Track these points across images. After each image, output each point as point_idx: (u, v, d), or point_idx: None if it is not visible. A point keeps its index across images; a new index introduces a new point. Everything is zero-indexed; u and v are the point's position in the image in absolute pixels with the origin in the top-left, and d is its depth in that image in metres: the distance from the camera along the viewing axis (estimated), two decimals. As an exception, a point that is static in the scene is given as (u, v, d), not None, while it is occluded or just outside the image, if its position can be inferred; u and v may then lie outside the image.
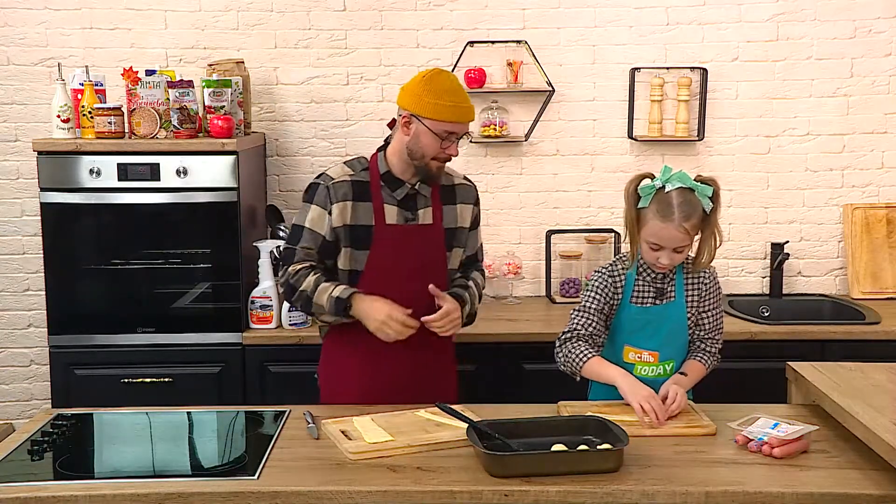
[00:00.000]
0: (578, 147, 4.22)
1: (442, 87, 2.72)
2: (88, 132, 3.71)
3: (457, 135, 2.76)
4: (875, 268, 4.19)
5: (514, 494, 2.19)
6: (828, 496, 2.17)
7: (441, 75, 2.76)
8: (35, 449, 2.48)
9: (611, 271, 2.79)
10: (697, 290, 2.80)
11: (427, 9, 4.13)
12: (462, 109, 2.74)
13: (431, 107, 2.70)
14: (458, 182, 2.95)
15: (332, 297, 2.72)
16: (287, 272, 2.81)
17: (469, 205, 2.94)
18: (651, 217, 2.64)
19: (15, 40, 4.09)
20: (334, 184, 2.79)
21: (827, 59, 4.15)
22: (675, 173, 2.67)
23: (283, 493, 2.21)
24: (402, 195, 2.82)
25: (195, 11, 4.10)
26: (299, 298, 2.78)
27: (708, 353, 2.82)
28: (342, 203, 2.77)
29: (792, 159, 4.22)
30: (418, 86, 2.73)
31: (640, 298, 2.77)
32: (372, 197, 2.80)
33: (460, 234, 2.91)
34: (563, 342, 2.79)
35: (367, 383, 2.84)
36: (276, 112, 4.18)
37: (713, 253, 2.73)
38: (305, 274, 2.77)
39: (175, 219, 3.69)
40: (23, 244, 4.20)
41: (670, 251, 2.66)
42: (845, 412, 2.44)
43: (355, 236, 2.79)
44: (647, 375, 2.75)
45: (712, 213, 2.68)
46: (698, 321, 2.82)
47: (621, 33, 4.15)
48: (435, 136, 2.72)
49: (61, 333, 3.71)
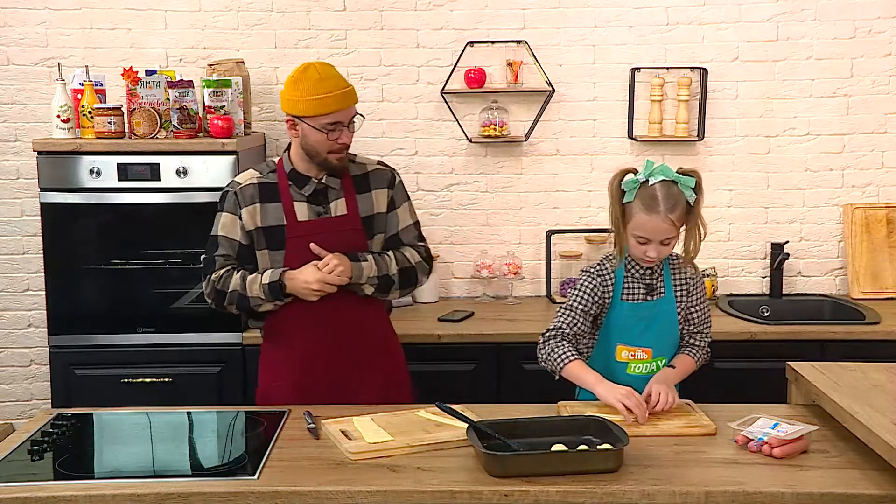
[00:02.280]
0: (578, 147, 4.22)
1: (310, 83, 2.74)
2: (88, 132, 3.72)
3: (342, 123, 2.77)
4: (875, 268, 4.19)
5: (514, 494, 2.19)
6: (828, 496, 2.17)
7: (308, 70, 2.77)
8: (35, 449, 2.48)
9: (599, 270, 2.79)
10: (685, 284, 2.81)
11: (427, 9, 4.13)
12: (335, 97, 2.75)
13: (305, 104, 2.74)
14: (372, 168, 2.96)
15: (264, 285, 2.77)
16: (210, 280, 2.84)
17: (382, 189, 2.94)
18: (637, 211, 2.65)
19: (15, 40, 4.09)
20: (241, 188, 2.83)
21: (827, 59, 4.15)
22: (658, 167, 2.68)
23: (283, 493, 2.21)
24: (311, 191, 2.84)
25: (195, 11, 4.10)
26: (231, 299, 2.81)
27: (697, 347, 2.84)
28: (251, 206, 2.81)
29: (792, 159, 4.21)
30: (290, 87, 2.77)
31: (631, 295, 2.78)
32: (280, 197, 2.83)
33: (379, 219, 2.92)
34: (546, 339, 2.78)
35: (302, 379, 2.87)
36: (276, 112, 4.18)
37: (699, 245, 2.74)
38: (229, 275, 2.81)
39: (175, 219, 3.69)
40: (23, 244, 4.20)
41: (657, 244, 2.66)
42: (845, 412, 2.44)
43: (269, 237, 2.82)
44: (641, 373, 2.76)
45: (695, 204, 2.69)
46: (687, 316, 2.83)
47: (621, 33, 4.15)
48: (319, 131, 2.75)
49: (61, 333, 3.71)
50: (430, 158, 4.22)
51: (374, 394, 2.87)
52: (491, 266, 4.14)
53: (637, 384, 2.66)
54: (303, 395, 2.83)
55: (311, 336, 2.85)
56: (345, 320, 2.86)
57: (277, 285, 2.76)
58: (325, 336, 2.86)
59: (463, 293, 4.29)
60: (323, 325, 2.85)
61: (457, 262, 4.28)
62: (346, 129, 2.79)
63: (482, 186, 4.25)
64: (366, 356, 2.90)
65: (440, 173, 4.23)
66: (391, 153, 4.15)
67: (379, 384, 2.91)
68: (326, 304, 2.79)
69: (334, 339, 2.86)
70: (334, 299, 2.79)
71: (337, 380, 2.87)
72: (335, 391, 2.86)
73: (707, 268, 4.08)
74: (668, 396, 2.60)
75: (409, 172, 4.14)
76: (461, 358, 3.66)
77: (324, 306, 2.80)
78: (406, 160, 4.18)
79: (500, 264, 4.16)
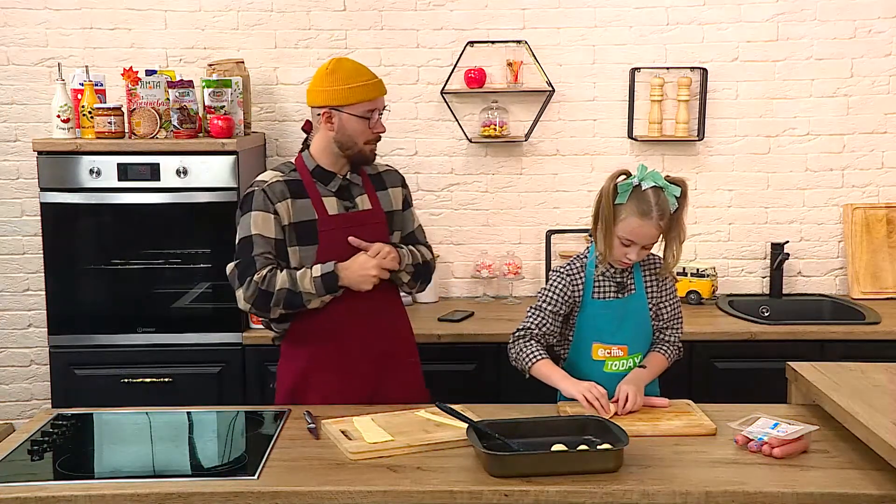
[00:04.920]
0: (578, 147, 4.22)
1: (347, 73, 2.77)
2: (88, 132, 3.72)
3: (378, 110, 2.81)
4: (875, 268, 4.19)
5: (514, 494, 2.19)
6: (828, 496, 2.17)
7: (341, 62, 2.81)
8: (35, 449, 2.48)
9: (568, 270, 2.82)
10: (655, 280, 2.84)
11: (427, 9, 4.13)
12: (373, 85, 2.79)
13: (346, 93, 2.75)
14: (383, 169, 3.01)
15: (315, 278, 2.72)
16: (252, 282, 2.71)
17: (398, 187, 2.98)
18: (629, 214, 2.67)
19: (15, 40, 4.09)
20: (269, 185, 2.80)
21: (827, 59, 4.15)
22: (650, 172, 2.71)
23: (283, 493, 2.21)
24: (337, 186, 2.85)
25: (195, 11, 4.10)
26: (278, 299, 2.71)
27: (668, 343, 2.86)
28: (283, 202, 2.78)
29: (792, 159, 4.22)
30: (325, 80, 2.78)
31: (602, 293, 2.80)
32: (308, 193, 2.82)
33: (397, 216, 2.96)
34: (515, 339, 2.82)
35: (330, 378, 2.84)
36: (276, 112, 4.18)
37: (679, 252, 2.77)
38: (273, 275, 2.72)
39: (175, 219, 3.70)
40: (23, 244, 4.20)
41: (640, 248, 2.70)
42: (845, 412, 2.44)
43: (300, 233, 2.79)
44: (619, 370, 2.78)
45: (678, 212, 2.72)
46: (658, 312, 2.85)
47: (621, 33, 4.15)
48: (360, 118, 2.77)
49: (61, 333, 3.71)
50: (430, 158, 4.23)
51: (401, 393, 2.86)
52: (491, 266, 4.14)
53: (615, 381, 2.70)
54: (341, 392, 2.82)
55: (349, 332, 2.83)
56: (379, 313, 2.86)
57: (332, 276, 2.72)
58: (363, 331, 2.84)
59: (463, 293, 4.29)
60: (359, 320, 2.82)
61: (457, 262, 4.28)
62: (380, 117, 2.83)
63: (482, 186, 4.25)
64: (394, 354, 2.91)
65: (440, 173, 4.23)
66: (391, 153, 4.14)
67: (404, 383, 2.91)
68: (361, 300, 2.78)
69: (371, 333, 2.85)
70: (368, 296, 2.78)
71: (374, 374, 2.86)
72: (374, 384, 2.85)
73: (707, 268, 4.08)
74: (635, 397, 2.63)
75: (409, 172, 4.14)
76: (461, 358, 3.66)
77: (358, 303, 2.79)
78: (406, 160, 4.18)
79: (500, 264, 4.16)
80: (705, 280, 4.06)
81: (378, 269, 2.74)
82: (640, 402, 2.64)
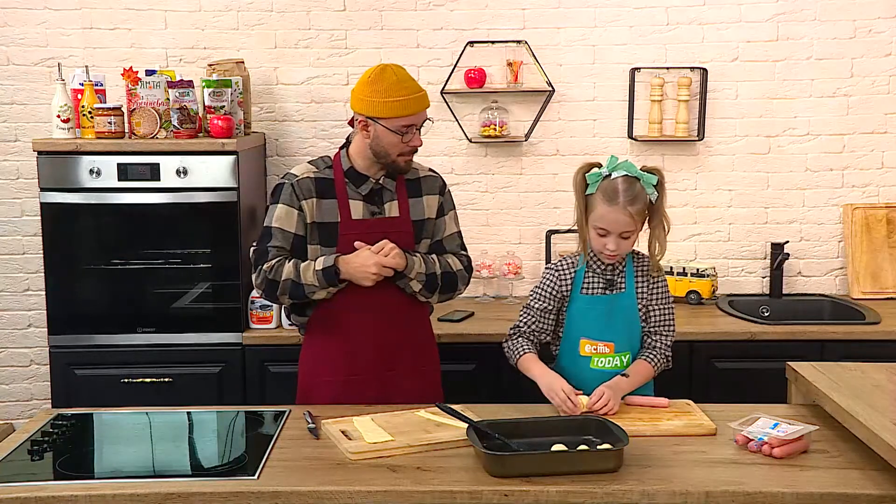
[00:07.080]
0: (578, 147, 4.22)
1: (388, 85, 2.73)
2: (88, 132, 3.72)
3: (416, 125, 2.78)
4: (875, 268, 4.19)
5: (514, 494, 2.19)
6: (828, 496, 2.17)
7: (385, 72, 2.76)
8: (35, 449, 2.48)
9: (557, 267, 2.85)
10: (646, 281, 2.84)
11: (427, 9, 4.13)
12: (413, 101, 2.75)
13: (383, 106, 2.72)
14: (424, 174, 2.98)
15: (317, 271, 2.74)
16: (261, 271, 2.79)
17: (434, 195, 2.96)
18: (598, 202, 2.70)
19: (15, 40, 4.09)
20: (298, 181, 2.81)
21: (827, 59, 4.15)
22: (622, 162, 2.74)
23: (283, 493, 2.21)
24: (367, 190, 2.84)
25: (195, 11, 4.10)
26: (284, 289, 2.77)
27: (657, 350, 2.83)
28: (309, 199, 2.80)
29: (792, 159, 4.22)
30: (365, 88, 2.75)
31: (590, 289, 2.82)
32: (336, 193, 2.82)
33: (428, 224, 2.94)
34: (507, 337, 2.90)
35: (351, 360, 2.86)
36: (276, 112, 4.18)
37: (664, 244, 2.78)
38: (281, 265, 2.77)
39: (175, 219, 3.70)
40: (23, 244, 4.20)
41: (616, 237, 2.70)
42: (845, 412, 2.44)
43: (322, 233, 2.81)
44: (605, 367, 2.78)
45: (658, 202, 2.73)
46: (647, 315, 2.84)
47: (621, 33, 4.15)
48: (394, 133, 2.74)
49: (61, 333, 3.71)
50: (430, 158, 4.19)
51: (415, 393, 2.86)
52: (491, 266, 4.14)
53: (602, 378, 2.72)
54: (347, 391, 2.83)
55: (359, 330, 2.84)
56: (392, 315, 2.86)
57: (332, 270, 2.73)
58: (373, 330, 2.84)
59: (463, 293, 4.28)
60: (371, 318, 2.83)
61: (457, 262, 4.28)
62: (417, 132, 2.79)
63: (482, 186, 4.25)
64: (409, 354, 2.91)
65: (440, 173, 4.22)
66: (391, 153, 4.14)
67: (419, 383, 2.92)
68: (374, 298, 2.79)
69: (381, 334, 2.85)
70: (383, 294, 2.79)
71: (383, 375, 2.86)
72: (380, 386, 2.86)
73: (707, 268, 4.08)
74: (608, 401, 2.62)
75: (409, 172, 4.13)
76: (461, 358, 3.66)
77: (372, 300, 2.80)
78: (406, 160, 4.18)
79: (500, 264, 4.16)
80: (705, 280, 4.06)
81: (378, 266, 2.73)
82: (611, 407, 2.62)
